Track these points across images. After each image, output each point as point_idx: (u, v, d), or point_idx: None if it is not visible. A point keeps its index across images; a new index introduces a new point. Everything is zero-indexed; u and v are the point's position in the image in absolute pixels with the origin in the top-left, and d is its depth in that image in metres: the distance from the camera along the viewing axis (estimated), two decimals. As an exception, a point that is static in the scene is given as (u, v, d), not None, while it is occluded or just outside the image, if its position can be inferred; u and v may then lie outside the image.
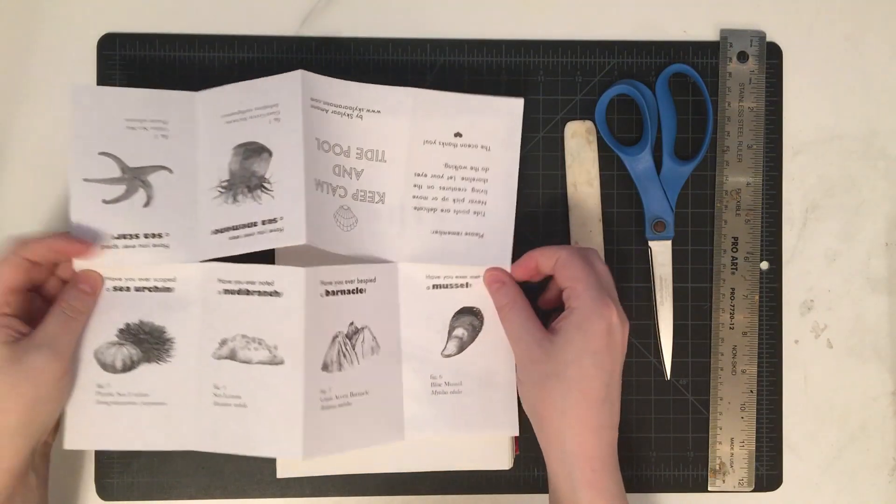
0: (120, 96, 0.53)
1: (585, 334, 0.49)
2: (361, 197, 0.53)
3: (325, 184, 0.51)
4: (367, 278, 0.52)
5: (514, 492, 0.59)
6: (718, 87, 0.60)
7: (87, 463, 0.58)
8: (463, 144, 0.55)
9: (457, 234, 0.54)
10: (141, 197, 0.51)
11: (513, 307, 0.53)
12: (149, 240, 0.51)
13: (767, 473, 0.60)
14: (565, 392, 0.49)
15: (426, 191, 0.54)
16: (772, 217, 0.60)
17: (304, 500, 0.59)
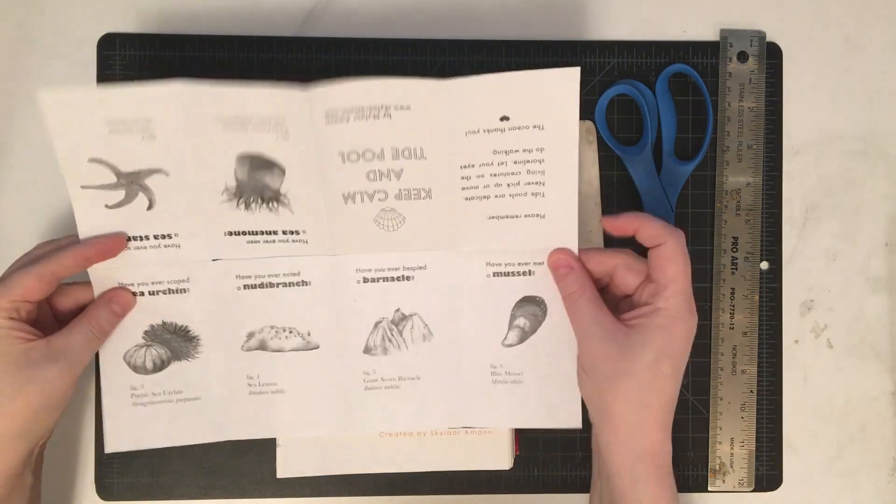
0: (93, 97, 0.48)
1: (669, 338, 0.47)
2: (406, 195, 0.50)
3: (356, 194, 0.49)
4: (416, 265, 0.50)
5: (514, 492, 0.59)
6: (718, 87, 0.60)
7: (87, 463, 0.58)
8: (512, 128, 0.49)
9: (515, 217, 0.50)
10: (143, 201, 0.51)
11: (582, 295, 0.50)
12: (159, 240, 0.51)
13: (767, 473, 0.60)
14: (641, 391, 0.47)
15: (476, 180, 0.50)
16: (772, 217, 0.60)
17: (304, 500, 0.59)
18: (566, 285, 0.51)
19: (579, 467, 0.59)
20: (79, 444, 0.58)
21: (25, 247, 0.58)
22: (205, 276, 0.51)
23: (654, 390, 0.47)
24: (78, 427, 0.58)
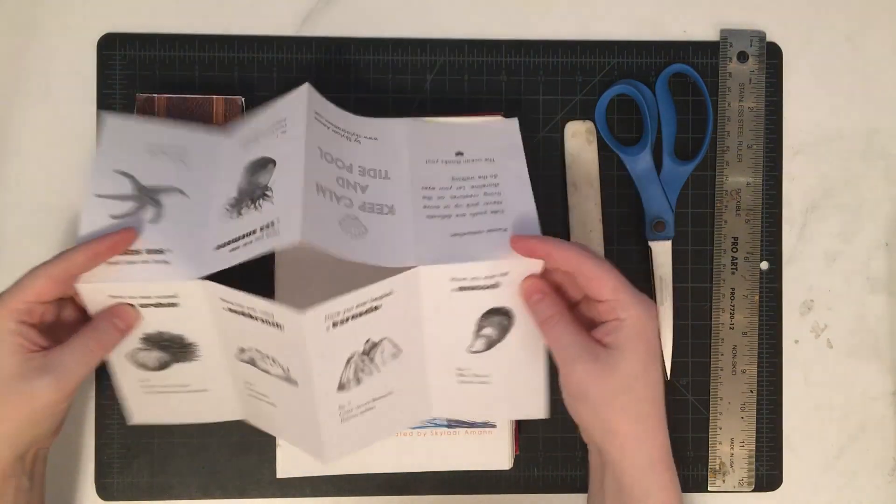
0: (147, 126, 0.53)
1: (647, 345, 0.47)
2: (369, 209, 0.51)
3: (328, 191, 0.49)
4: (383, 293, 0.48)
5: (514, 492, 0.59)
6: (718, 87, 0.60)
7: (87, 463, 0.58)
8: (466, 160, 0.54)
9: (477, 232, 0.50)
10: (149, 213, 0.50)
11: (559, 321, 0.49)
12: (150, 255, 0.50)
13: (767, 473, 0.60)
14: (638, 404, 0.47)
15: (437, 201, 0.52)
16: (772, 217, 0.60)
17: (304, 500, 0.59)
18: (540, 311, 0.49)
19: (579, 467, 0.59)
20: (79, 444, 0.58)
21: (25, 246, 0.58)
22: (190, 292, 0.50)
23: (650, 398, 0.48)
24: (78, 427, 0.58)
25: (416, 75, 0.59)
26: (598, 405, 0.47)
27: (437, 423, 0.57)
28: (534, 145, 0.59)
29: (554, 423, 0.59)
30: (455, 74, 0.59)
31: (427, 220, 0.51)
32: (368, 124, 0.54)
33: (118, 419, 0.58)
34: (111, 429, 0.58)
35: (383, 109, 0.59)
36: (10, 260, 0.58)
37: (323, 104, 0.52)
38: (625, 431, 0.47)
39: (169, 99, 0.56)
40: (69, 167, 0.58)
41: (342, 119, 0.53)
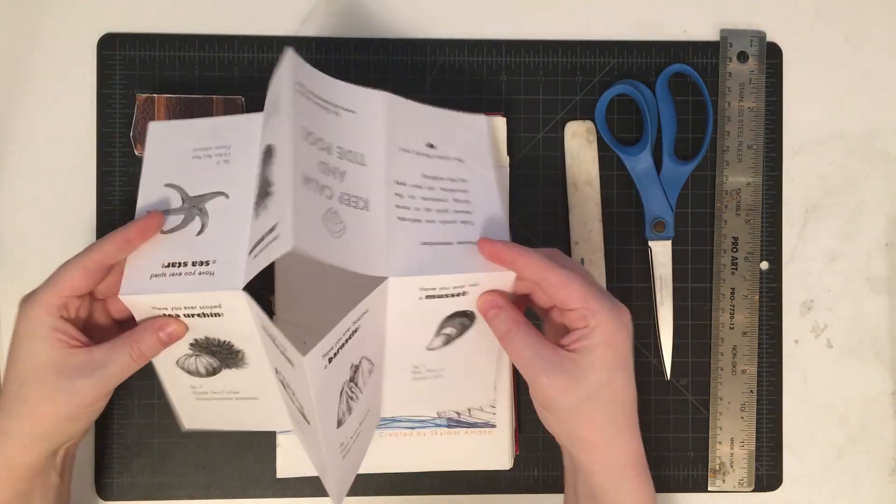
0: (190, 127, 0.52)
1: (615, 352, 0.46)
2: (346, 201, 0.49)
3: (312, 181, 0.47)
4: (360, 314, 0.47)
5: (514, 492, 0.59)
6: (718, 87, 0.60)
7: (87, 463, 0.58)
8: (437, 156, 0.52)
9: (448, 244, 0.50)
10: (196, 225, 0.50)
11: (517, 333, 0.48)
12: (196, 267, 0.49)
13: (767, 473, 0.60)
14: (606, 411, 0.47)
15: (408, 200, 0.50)
16: (772, 217, 0.60)
17: (304, 500, 0.59)
18: (498, 326, 0.49)
19: (579, 467, 0.59)
20: (79, 444, 0.58)
21: (25, 246, 0.58)
22: (233, 305, 0.48)
23: (618, 405, 0.47)
24: (78, 427, 0.58)
25: (416, 75, 0.59)
26: (564, 414, 0.47)
27: (437, 423, 0.57)
28: (534, 145, 0.59)
29: (554, 423, 0.59)
30: (455, 74, 0.59)
31: (398, 221, 0.49)
32: (347, 91, 0.51)
33: (118, 419, 0.58)
34: (111, 429, 0.58)
35: (383, 109, 0.59)
36: (11, 260, 0.58)
37: (307, 72, 0.49)
38: (593, 439, 0.47)
39: (169, 99, 0.56)
40: (70, 167, 0.58)
41: (324, 87, 0.50)
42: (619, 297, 0.58)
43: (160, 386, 0.52)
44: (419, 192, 0.51)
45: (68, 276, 0.47)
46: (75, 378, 0.47)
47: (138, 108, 0.56)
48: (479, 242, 0.49)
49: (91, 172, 0.58)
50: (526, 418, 0.59)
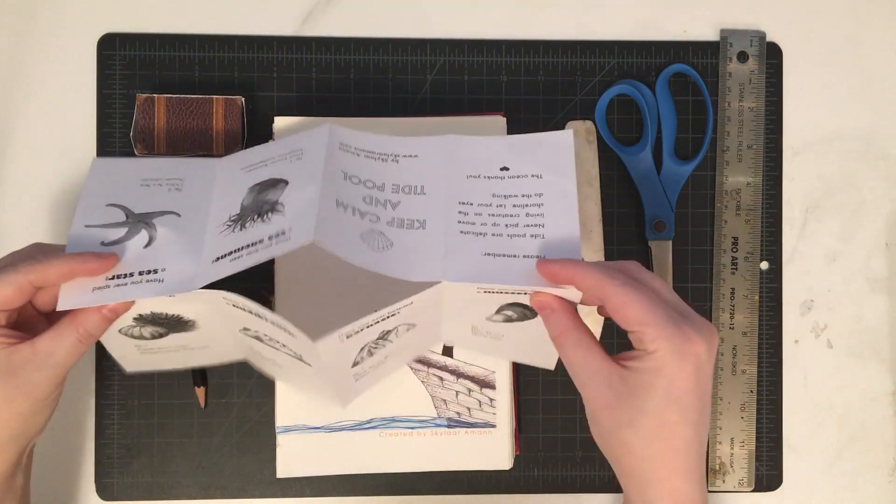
0: (138, 164, 0.52)
1: (669, 381, 0.42)
2: (399, 224, 0.49)
3: (350, 206, 0.48)
4: (404, 306, 0.47)
5: (514, 492, 0.59)
6: (718, 87, 0.60)
7: (87, 463, 0.58)
8: (511, 176, 0.51)
9: (513, 256, 0.48)
10: (143, 238, 0.49)
11: (568, 338, 0.45)
12: (142, 276, 0.48)
13: (767, 473, 0.60)
14: (645, 442, 0.43)
15: (473, 217, 0.50)
16: (772, 217, 0.60)
17: (304, 500, 0.59)
18: (552, 326, 0.46)
19: (579, 467, 0.59)
20: (79, 444, 0.58)
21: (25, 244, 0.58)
22: (189, 297, 0.48)
23: (661, 440, 0.43)
24: (78, 427, 0.58)
25: (416, 75, 0.59)
26: (604, 433, 0.44)
27: (437, 423, 0.57)
28: (534, 145, 0.59)
29: (554, 423, 0.59)
30: (455, 74, 0.59)
31: (460, 235, 0.49)
32: (408, 143, 0.52)
33: (118, 419, 0.58)
34: (111, 429, 0.58)
35: (383, 109, 0.59)
36: (10, 260, 0.58)
37: (351, 135, 0.51)
38: (629, 466, 0.44)
39: (169, 99, 0.56)
40: (69, 167, 0.58)
41: (377, 143, 0.51)
42: (619, 297, 0.58)
43: (159, 386, 0.52)
44: (486, 209, 0.50)
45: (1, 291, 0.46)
46: (27, 373, 0.46)
47: (138, 108, 0.56)
48: (537, 264, 0.46)
49: (91, 172, 0.58)
50: (526, 418, 0.59)
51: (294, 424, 0.56)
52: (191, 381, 0.58)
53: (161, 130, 0.56)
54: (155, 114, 0.56)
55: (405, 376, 0.56)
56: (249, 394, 0.58)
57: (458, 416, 0.57)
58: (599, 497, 0.59)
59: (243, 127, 0.56)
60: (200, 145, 0.56)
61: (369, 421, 0.56)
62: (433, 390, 0.57)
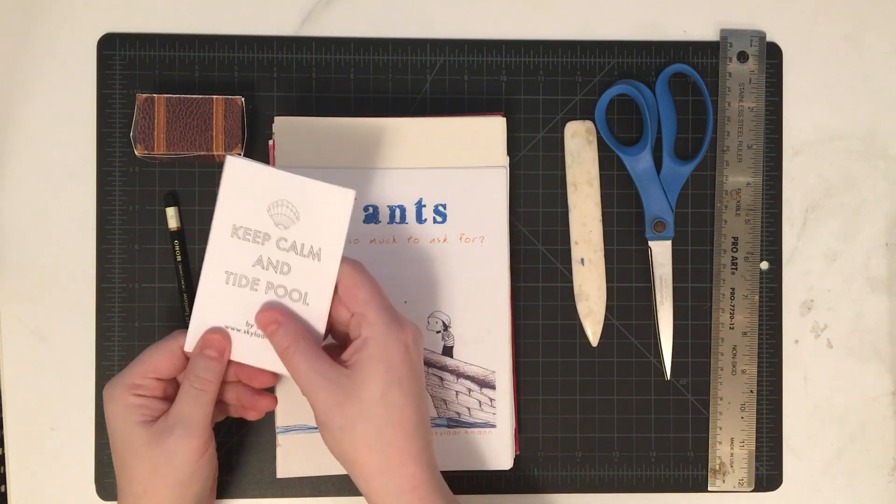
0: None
1: (387, 365, 0.46)
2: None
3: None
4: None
5: (514, 492, 0.59)
6: (718, 87, 0.60)
7: (87, 463, 0.58)
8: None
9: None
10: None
11: (296, 350, 0.47)
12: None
13: (767, 473, 0.60)
14: (379, 431, 0.45)
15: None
16: (772, 217, 0.60)
17: (304, 500, 0.58)
18: (278, 341, 0.48)
19: (579, 467, 0.59)
20: (79, 445, 0.58)
21: (25, 246, 0.58)
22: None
23: (393, 425, 0.46)
24: (78, 427, 0.58)
25: (416, 75, 0.59)
26: (338, 435, 0.46)
27: (436, 424, 0.57)
28: (534, 145, 0.59)
29: (554, 423, 0.59)
30: (455, 74, 0.59)
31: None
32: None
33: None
34: (111, 429, 0.58)
35: (383, 109, 0.59)
36: (11, 260, 0.58)
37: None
38: (366, 461, 0.46)
39: (169, 99, 0.56)
40: (70, 167, 0.58)
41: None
42: (619, 297, 0.59)
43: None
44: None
45: (150, 359, 0.48)
46: (166, 438, 0.47)
47: (138, 108, 0.56)
48: (256, 318, 0.49)
49: (91, 172, 0.58)
50: (526, 418, 0.59)
51: (294, 424, 0.56)
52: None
53: (161, 130, 0.56)
54: (155, 114, 0.56)
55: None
56: (249, 394, 0.58)
57: (458, 416, 0.57)
58: (599, 497, 0.59)
59: (243, 127, 0.56)
60: (200, 145, 0.56)
61: None
62: (433, 390, 0.57)
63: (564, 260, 0.59)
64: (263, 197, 0.48)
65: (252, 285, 0.49)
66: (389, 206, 0.57)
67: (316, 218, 0.49)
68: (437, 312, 0.57)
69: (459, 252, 0.57)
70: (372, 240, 0.57)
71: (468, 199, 0.57)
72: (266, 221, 0.49)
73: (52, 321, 0.58)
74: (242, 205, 0.48)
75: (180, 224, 0.58)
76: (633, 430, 0.59)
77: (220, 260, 0.49)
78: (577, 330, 0.59)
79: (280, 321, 0.48)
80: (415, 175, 0.57)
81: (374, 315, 0.46)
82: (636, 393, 0.59)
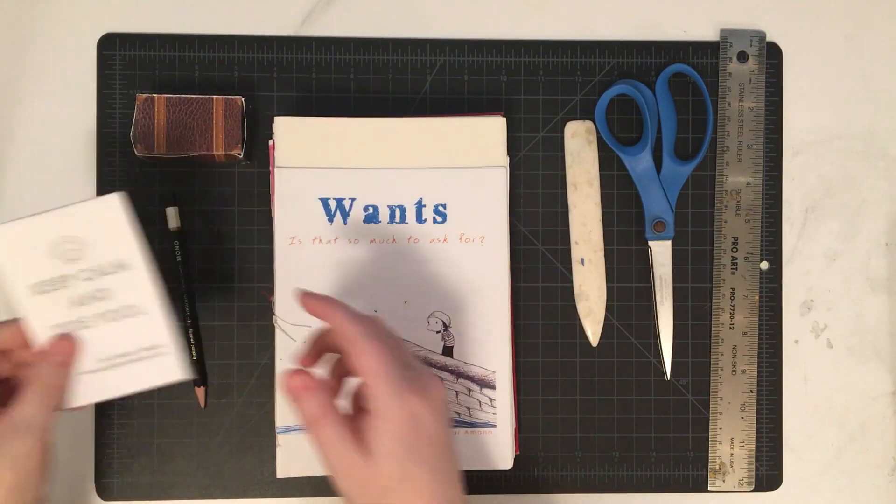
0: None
1: (398, 441, 0.44)
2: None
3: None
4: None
5: (514, 492, 0.59)
6: (718, 87, 0.60)
7: (87, 463, 0.58)
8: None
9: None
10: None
11: (325, 420, 0.45)
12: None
13: (767, 473, 0.60)
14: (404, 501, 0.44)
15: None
16: (772, 217, 0.60)
17: (304, 500, 0.59)
18: (309, 408, 0.45)
19: (579, 467, 0.59)
20: (79, 444, 0.58)
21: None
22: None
23: (422, 498, 0.44)
24: (78, 427, 0.58)
25: (416, 75, 0.59)
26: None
27: None
28: (534, 145, 0.59)
29: (554, 423, 0.59)
30: (455, 74, 0.59)
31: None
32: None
33: (118, 419, 0.58)
34: (111, 429, 0.58)
35: (383, 109, 0.59)
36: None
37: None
38: None
39: (169, 99, 0.56)
40: (70, 167, 0.58)
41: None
42: (619, 297, 0.59)
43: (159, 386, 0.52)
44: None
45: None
46: (11, 443, 0.45)
47: (138, 108, 0.56)
48: (300, 296, 0.48)
49: (91, 172, 0.58)
50: (525, 418, 0.59)
51: (294, 424, 0.56)
52: (191, 381, 0.58)
53: (161, 130, 0.56)
54: (155, 114, 0.56)
55: None
56: (249, 394, 0.58)
57: (459, 416, 0.57)
58: (599, 497, 0.59)
59: (243, 127, 0.56)
60: (200, 145, 0.56)
61: None
62: None
63: (564, 260, 0.59)
64: (38, 246, 0.48)
65: (82, 326, 0.48)
66: (389, 205, 0.57)
67: (99, 235, 0.48)
68: (437, 312, 0.57)
69: (459, 252, 0.57)
70: (372, 240, 0.57)
71: (468, 199, 0.57)
72: (55, 265, 0.48)
73: (52, 321, 0.58)
74: (24, 264, 0.48)
75: (180, 224, 0.58)
76: (633, 430, 0.59)
77: (40, 320, 0.48)
78: (577, 330, 0.59)
79: (311, 386, 0.45)
80: (415, 175, 0.57)
81: (380, 387, 0.44)
82: (636, 393, 0.59)
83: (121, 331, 0.49)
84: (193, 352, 0.58)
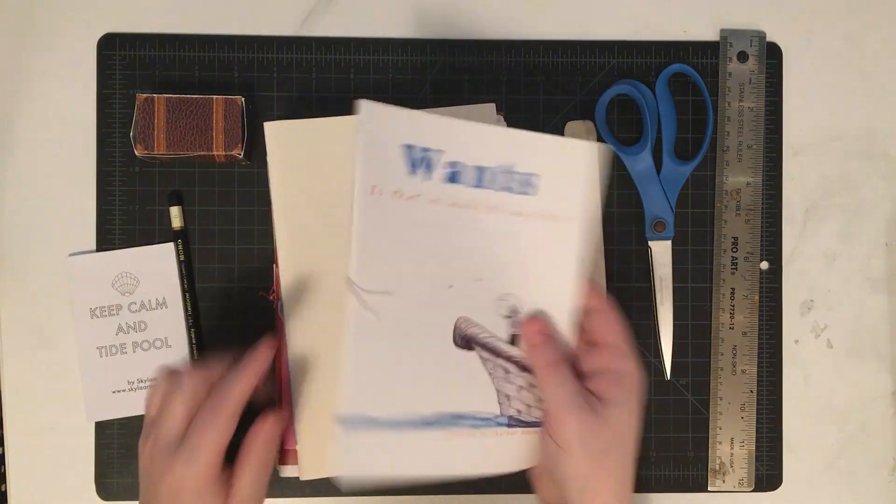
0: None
1: (638, 400, 0.48)
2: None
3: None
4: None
5: (514, 492, 0.59)
6: (718, 87, 0.60)
7: (87, 463, 0.58)
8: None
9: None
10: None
11: (560, 367, 0.48)
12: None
13: (767, 473, 0.60)
14: (624, 462, 0.47)
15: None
16: (772, 217, 0.60)
17: (304, 500, 0.58)
18: (541, 355, 0.48)
19: (579, 467, 0.59)
20: (79, 445, 0.58)
21: (25, 246, 0.58)
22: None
23: (633, 459, 0.47)
24: (78, 427, 0.58)
25: (416, 75, 0.59)
26: (586, 459, 0.46)
27: (497, 423, 0.50)
28: (534, 145, 0.59)
29: (554, 423, 0.59)
30: (455, 74, 0.59)
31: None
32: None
33: (118, 419, 0.58)
34: (111, 429, 0.58)
35: (383, 109, 0.59)
36: (11, 260, 0.58)
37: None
38: (603, 490, 0.46)
39: (169, 99, 0.56)
40: (70, 167, 0.58)
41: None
42: (619, 296, 0.59)
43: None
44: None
45: (225, 428, 0.48)
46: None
47: (138, 108, 0.56)
48: (523, 328, 0.50)
49: (91, 172, 0.58)
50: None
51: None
52: (191, 381, 0.58)
53: (161, 130, 0.56)
54: (155, 114, 0.56)
55: (473, 366, 0.50)
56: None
57: (518, 413, 0.51)
58: (599, 497, 0.59)
59: (243, 127, 0.56)
60: (200, 145, 0.56)
61: (432, 417, 0.50)
62: (497, 383, 0.51)
63: (564, 260, 0.59)
64: (103, 278, 0.58)
65: (120, 350, 0.58)
66: (477, 166, 0.49)
67: (152, 275, 0.58)
68: (508, 295, 0.51)
69: (544, 232, 0.50)
70: (452, 202, 0.49)
71: (563, 174, 0.50)
72: (113, 295, 0.58)
73: (52, 321, 0.58)
74: (91, 289, 0.58)
75: (183, 224, 0.58)
76: (633, 430, 0.59)
77: (90, 340, 0.58)
78: (577, 330, 0.59)
79: (547, 333, 0.49)
80: (509, 136, 0.50)
81: (627, 348, 0.48)
82: (636, 393, 0.59)
83: (150, 359, 0.58)
84: (195, 352, 0.58)
